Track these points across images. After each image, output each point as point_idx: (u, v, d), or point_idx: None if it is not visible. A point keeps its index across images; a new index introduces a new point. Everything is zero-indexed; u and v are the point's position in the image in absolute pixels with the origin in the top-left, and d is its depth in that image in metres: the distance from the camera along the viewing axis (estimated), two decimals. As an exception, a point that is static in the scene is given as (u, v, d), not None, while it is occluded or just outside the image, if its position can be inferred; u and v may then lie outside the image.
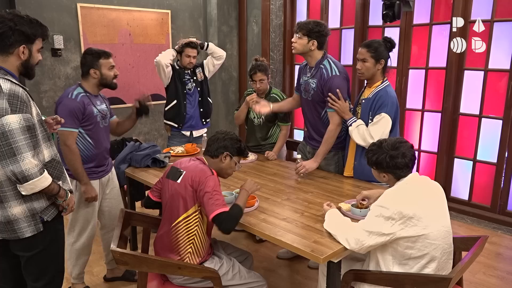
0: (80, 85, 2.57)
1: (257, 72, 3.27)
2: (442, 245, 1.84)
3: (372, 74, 2.67)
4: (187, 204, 2.10)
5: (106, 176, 2.74)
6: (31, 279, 2.00)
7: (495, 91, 3.78)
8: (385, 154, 1.93)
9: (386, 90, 2.63)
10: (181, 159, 2.30)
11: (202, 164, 2.20)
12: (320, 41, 2.75)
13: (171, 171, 2.24)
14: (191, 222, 2.10)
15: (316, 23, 2.75)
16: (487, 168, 3.91)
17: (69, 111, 2.44)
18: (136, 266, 1.95)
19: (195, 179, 2.09)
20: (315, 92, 2.83)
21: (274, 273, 3.09)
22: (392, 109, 2.60)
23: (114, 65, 2.61)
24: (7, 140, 1.71)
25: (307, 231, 2.03)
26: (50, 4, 4.26)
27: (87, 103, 2.52)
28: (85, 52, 2.59)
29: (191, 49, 3.57)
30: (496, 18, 3.66)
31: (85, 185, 2.55)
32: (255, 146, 3.50)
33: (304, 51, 2.79)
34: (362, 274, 1.95)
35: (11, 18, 1.78)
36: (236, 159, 2.27)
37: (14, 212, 1.83)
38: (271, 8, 5.18)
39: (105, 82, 2.59)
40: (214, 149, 2.23)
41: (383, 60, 2.64)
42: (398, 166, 1.91)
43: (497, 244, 3.55)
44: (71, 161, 2.48)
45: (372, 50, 2.62)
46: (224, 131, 2.30)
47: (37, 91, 4.28)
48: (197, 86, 3.74)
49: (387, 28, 4.37)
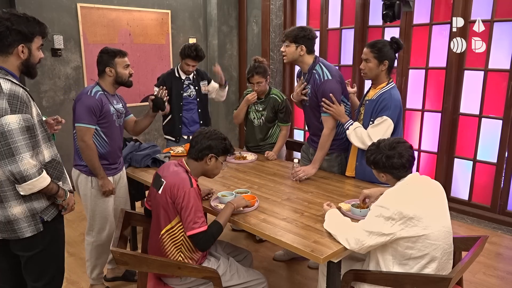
0: (98, 84, 2.62)
1: (254, 75, 3.26)
2: (442, 245, 1.84)
3: (375, 74, 2.63)
4: (169, 216, 2.06)
5: (118, 174, 2.77)
6: (31, 279, 2.00)
7: (495, 91, 3.78)
8: (382, 154, 1.93)
9: (390, 93, 2.59)
10: (165, 164, 2.24)
11: (183, 172, 2.10)
12: (308, 45, 2.76)
13: (155, 178, 2.19)
14: (176, 232, 2.07)
15: (301, 28, 2.77)
16: (487, 168, 3.91)
17: (88, 107, 2.49)
18: (136, 266, 1.95)
19: (173, 191, 2.02)
20: (310, 98, 2.84)
21: (274, 273, 3.09)
22: (394, 112, 2.56)
23: (129, 63, 2.66)
24: (6, 140, 1.71)
25: (307, 231, 2.03)
26: (50, 4, 4.26)
27: (105, 101, 2.56)
28: (101, 51, 2.62)
29: (192, 60, 3.45)
30: (496, 18, 3.66)
31: (102, 179, 2.59)
32: (255, 146, 3.50)
33: (294, 58, 2.79)
34: (362, 274, 1.95)
35: (7, 17, 1.77)
36: (222, 159, 2.20)
37: (14, 212, 1.83)
38: (271, 8, 5.18)
39: (120, 80, 2.63)
40: (197, 151, 2.13)
41: (387, 61, 2.59)
42: (394, 166, 1.91)
43: (497, 244, 3.55)
44: (88, 156, 2.52)
45: (376, 50, 2.58)
46: (208, 129, 2.20)
47: (37, 91, 4.28)
48: (197, 97, 3.64)
49: (387, 28, 4.37)
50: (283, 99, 3.36)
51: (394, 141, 1.97)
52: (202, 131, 2.18)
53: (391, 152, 1.92)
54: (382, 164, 1.93)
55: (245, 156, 3.29)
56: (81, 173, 2.61)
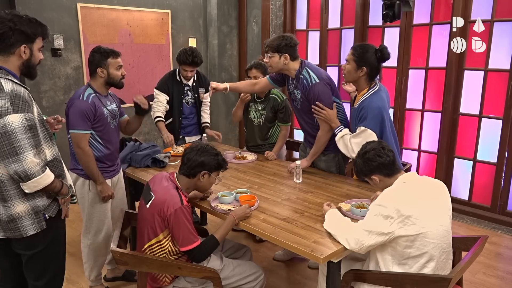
0: (90, 85, 2.56)
1: (252, 69, 3.31)
2: (440, 244, 1.84)
3: (353, 78, 2.58)
4: (155, 231, 2.04)
5: (116, 176, 2.76)
6: (32, 277, 2.01)
7: (495, 91, 3.78)
8: (361, 160, 2.00)
9: (369, 100, 2.51)
10: (157, 176, 2.21)
11: (174, 188, 2.07)
12: (291, 52, 2.75)
13: (145, 189, 2.17)
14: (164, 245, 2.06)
15: (282, 37, 2.77)
16: (487, 168, 3.91)
17: (81, 113, 2.43)
18: (136, 266, 1.95)
19: (162, 208, 2.00)
20: (302, 103, 2.84)
21: (274, 273, 3.09)
22: (373, 121, 2.48)
23: (122, 64, 2.59)
24: (9, 139, 1.72)
25: (307, 231, 2.03)
26: (50, 4, 4.26)
27: (98, 104, 2.51)
28: (93, 50, 2.54)
29: (188, 66, 3.40)
30: (496, 18, 3.66)
31: (101, 185, 2.56)
32: (255, 146, 3.50)
33: (279, 67, 2.78)
34: (362, 274, 1.95)
35: (10, 18, 1.78)
36: (215, 174, 2.17)
37: (17, 210, 1.84)
38: (271, 8, 5.18)
39: (111, 82, 2.57)
40: (190, 168, 2.09)
41: (364, 68, 2.51)
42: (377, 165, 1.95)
43: (497, 244, 3.55)
44: (85, 163, 2.48)
45: (356, 54, 2.52)
46: (200, 145, 2.15)
47: (37, 91, 4.28)
48: (196, 103, 3.63)
49: (387, 28, 4.37)
50: (283, 99, 3.37)
51: (364, 145, 2.05)
52: (194, 147, 2.14)
53: (366, 155, 1.98)
54: (366, 169, 1.99)
55: (245, 156, 3.29)
56: (78, 177, 2.58)
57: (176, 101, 3.53)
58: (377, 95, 2.54)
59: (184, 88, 3.55)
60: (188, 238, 2.00)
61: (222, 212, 2.25)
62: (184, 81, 3.54)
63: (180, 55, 3.39)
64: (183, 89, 3.55)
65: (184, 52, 3.38)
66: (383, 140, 2.10)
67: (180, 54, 3.40)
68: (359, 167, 2.03)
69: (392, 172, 1.96)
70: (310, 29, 5.13)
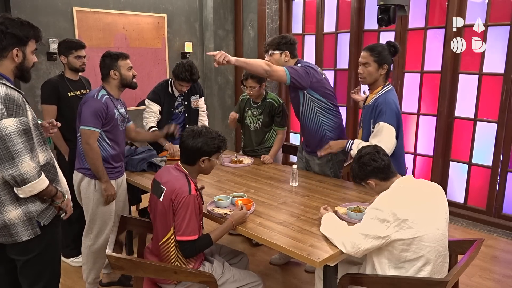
0: (104, 87, 2.61)
1: (249, 79, 3.27)
2: (437, 247, 1.84)
3: (374, 79, 2.57)
4: (168, 224, 2.05)
5: (120, 178, 2.76)
6: (27, 283, 1.99)
7: (490, 94, 3.80)
8: (356, 165, 2.02)
9: (385, 96, 2.52)
10: (163, 169, 2.22)
11: (183, 177, 2.08)
12: (291, 50, 2.84)
13: (154, 185, 2.18)
14: (173, 243, 2.07)
15: (281, 36, 2.88)
16: (482, 171, 3.93)
17: (94, 111, 2.48)
18: (132, 271, 1.94)
19: (173, 197, 2.01)
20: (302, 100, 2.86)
21: (270, 277, 3.09)
22: (391, 116, 2.47)
23: (132, 66, 2.66)
24: (5, 144, 1.71)
25: (304, 235, 2.03)
26: (45, 8, 4.25)
27: (110, 105, 2.56)
28: (103, 55, 2.61)
29: (186, 82, 3.28)
30: (490, 22, 3.69)
31: (106, 183, 2.57)
32: (252, 150, 3.50)
33: (280, 64, 2.79)
34: (359, 278, 1.95)
35: (1, 21, 1.77)
36: (215, 157, 2.15)
37: (10, 216, 1.83)
38: (267, 12, 5.20)
39: (125, 83, 2.63)
40: (188, 156, 2.09)
41: (386, 65, 2.55)
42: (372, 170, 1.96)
43: (493, 247, 3.56)
44: (92, 160, 2.51)
45: (376, 54, 2.53)
46: (195, 129, 2.11)
47: (32, 95, 4.26)
48: (185, 112, 3.49)
49: (382, 32, 4.39)
50: (280, 103, 3.37)
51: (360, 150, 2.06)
52: (189, 133, 2.10)
53: (361, 159, 1.99)
54: (362, 173, 2.00)
55: (241, 160, 3.29)
56: (84, 176, 2.60)
57: (166, 113, 3.42)
58: (392, 93, 2.59)
59: (175, 102, 3.44)
60: (188, 228, 1.99)
61: (218, 216, 2.24)
62: (176, 94, 3.43)
63: (178, 71, 3.25)
64: (175, 102, 3.44)
65: (182, 68, 3.23)
66: (378, 145, 2.10)
67: (177, 70, 3.26)
68: (355, 172, 2.04)
69: (388, 176, 1.96)
70: (306, 33, 5.15)
